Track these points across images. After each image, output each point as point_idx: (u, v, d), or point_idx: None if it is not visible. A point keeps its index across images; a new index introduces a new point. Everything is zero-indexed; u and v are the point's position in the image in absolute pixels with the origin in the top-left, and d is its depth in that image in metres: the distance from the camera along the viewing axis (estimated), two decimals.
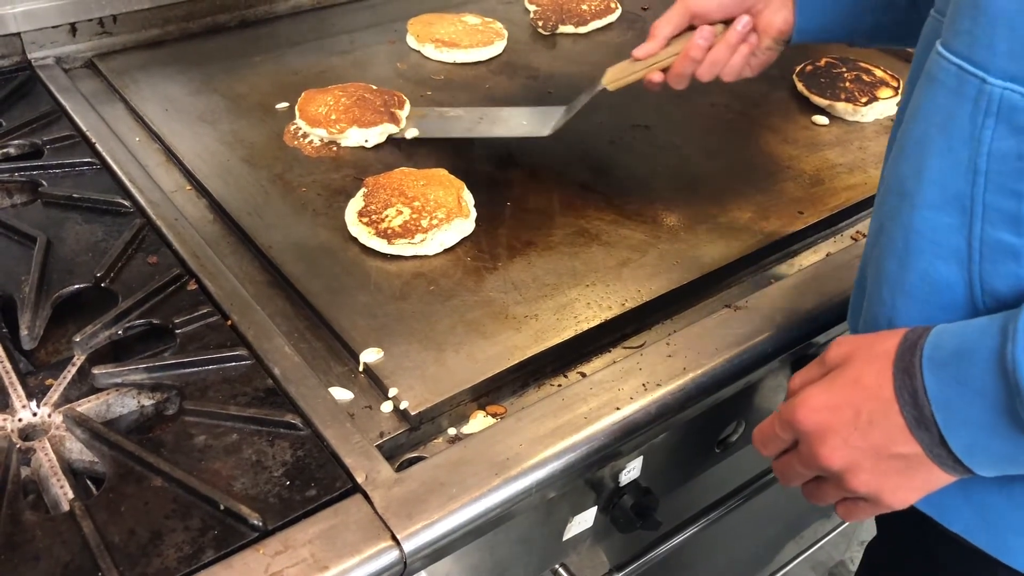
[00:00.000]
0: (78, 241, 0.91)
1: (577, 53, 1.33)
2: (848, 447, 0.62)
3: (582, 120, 1.16)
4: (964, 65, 0.60)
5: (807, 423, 0.64)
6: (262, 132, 1.10)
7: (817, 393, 0.65)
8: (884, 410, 0.61)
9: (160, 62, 1.23)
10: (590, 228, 0.97)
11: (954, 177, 0.61)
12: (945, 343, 0.59)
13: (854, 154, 1.11)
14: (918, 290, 0.64)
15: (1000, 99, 0.58)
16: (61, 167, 1.01)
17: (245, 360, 0.78)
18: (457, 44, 1.28)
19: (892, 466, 0.62)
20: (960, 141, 0.60)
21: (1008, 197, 0.59)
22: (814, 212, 1.01)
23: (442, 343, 0.81)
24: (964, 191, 0.60)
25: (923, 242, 0.63)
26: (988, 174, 0.59)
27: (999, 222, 0.59)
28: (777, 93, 1.23)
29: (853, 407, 0.62)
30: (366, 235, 0.92)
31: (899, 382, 0.60)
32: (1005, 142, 0.58)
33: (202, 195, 1.00)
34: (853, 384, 0.63)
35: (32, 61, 1.19)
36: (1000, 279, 0.60)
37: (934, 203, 0.62)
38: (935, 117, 0.62)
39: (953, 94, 0.60)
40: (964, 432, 0.58)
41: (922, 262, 0.64)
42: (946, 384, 0.58)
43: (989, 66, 0.58)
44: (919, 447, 0.60)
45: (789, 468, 0.68)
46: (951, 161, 0.61)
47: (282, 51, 1.28)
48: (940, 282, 0.63)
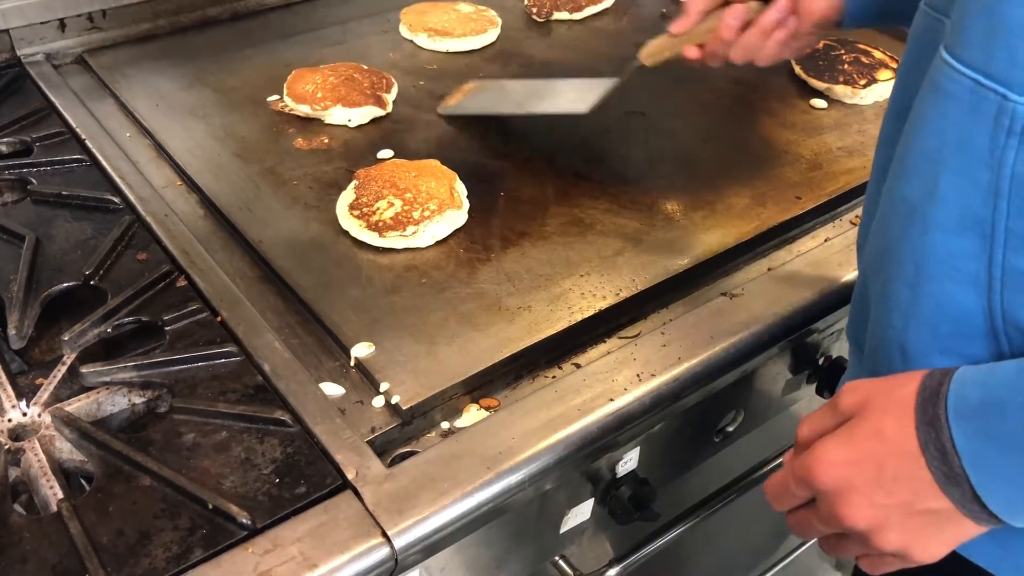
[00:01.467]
0: (67, 239, 0.90)
1: (572, 40, 1.31)
2: (873, 506, 0.58)
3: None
4: (980, 79, 0.55)
5: (826, 481, 0.59)
6: (253, 126, 1.09)
7: (834, 447, 0.60)
8: (910, 466, 0.56)
9: (151, 57, 1.22)
10: (584, 217, 0.96)
11: (972, 200, 0.56)
12: (970, 394, 0.55)
13: (853, 137, 1.09)
14: (932, 318, 0.61)
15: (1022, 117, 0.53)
16: (51, 164, 1.00)
17: (235, 357, 0.77)
18: (450, 33, 1.26)
19: (921, 522, 0.58)
20: (978, 161, 0.56)
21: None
22: (812, 197, 0.99)
23: (434, 336, 0.80)
24: (984, 215, 0.56)
25: (938, 267, 0.59)
26: (1011, 198, 0.55)
27: (1023, 249, 0.55)
28: (775, 77, 1.22)
29: (876, 463, 0.58)
30: (357, 228, 0.91)
31: (924, 435, 0.56)
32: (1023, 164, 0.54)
33: (193, 190, 0.99)
34: (874, 437, 0.58)
35: (21, 58, 1.18)
36: (1021, 307, 0.57)
37: (949, 226, 0.58)
38: (948, 134, 0.58)
39: (968, 110, 0.56)
40: (1000, 488, 0.54)
41: (936, 288, 0.60)
42: (976, 439, 0.54)
43: (1010, 81, 0.53)
44: (950, 502, 0.56)
45: (807, 524, 0.64)
46: (968, 182, 0.56)
47: (273, 43, 1.27)
48: (957, 310, 0.59)
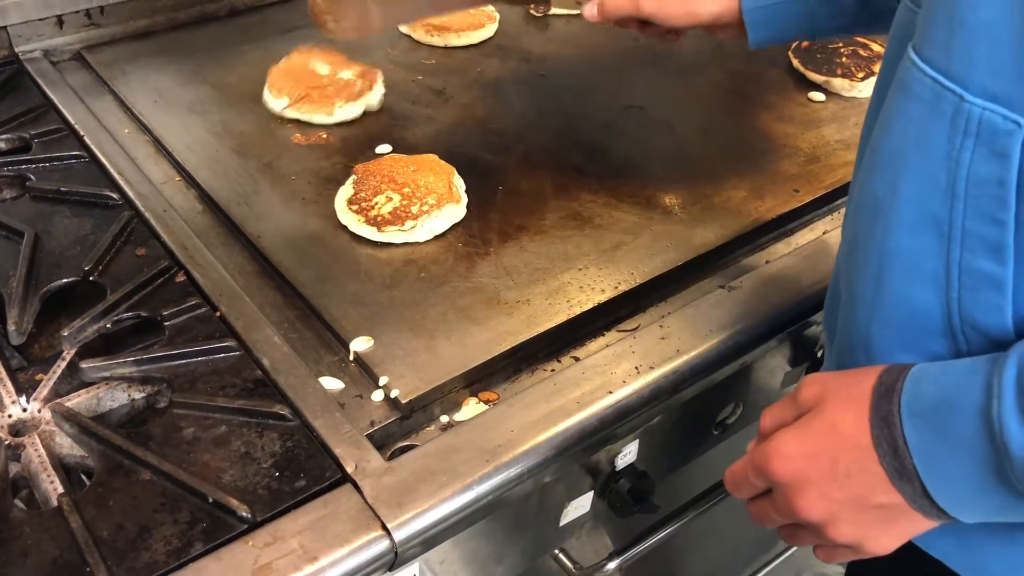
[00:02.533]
0: (66, 235, 0.90)
1: (570, 35, 1.31)
2: (826, 499, 0.59)
3: (575, 102, 1.15)
4: (940, 79, 0.55)
5: (782, 473, 0.61)
6: (251, 121, 1.09)
7: (791, 440, 0.61)
8: (863, 460, 0.57)
9: (149, 53, 1.22)
10: (583, 211, 0.96)
11: (930, 199, 0.57)
12: (924, 391, 0.56)
13: (851, 130, 1.09)
14: (894, 315, 0.61)
15: (980, 120, 0.53)
16: (49, 161, 1.00)
17: (234, 351, 0.77)
18: (448, 28, 1.26)
19: (873, 516, 0.59)
20: (937, 161, 0.56)
21: (989, 225, 0.54)
22: (810, 190, 0.99)
23: (433, 330, 0.81)
24: (941, 215, 0.56)
25: (898, 265, 0.60)
26: (967, 199, 0.55)
27: (979, 250, 0.55)
28: (773, 70, 1.22)
29: (830, 456, 0.59)
30: (356, 223, 0.91)
31: (877, 431, 0.57)
32: (985, 167, 0.54)
33: (191, 186, 0.99)
34: (829, 431, 0.59)
35: (20, 55, 1.18)
36: (980, 309, 0.57)
37: (909, 224, 0.58)
38: (910, 132, 0.58)
39: (929, 109, 0.56)
40: (949, 486, 0.55)
41: (897, 286, 0.60)
42: (927, 437, 0.55)
43: (968, 82, 0.53)
44: (901, 498, 0.57)
45: (764, 514, 0.65)
46: (927, 182, 0.56)
47: (272, 39, 1.26)
48: (917, 308, 0.59)
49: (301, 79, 1.10)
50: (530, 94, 1.17)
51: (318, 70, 1.12)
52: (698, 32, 1.15)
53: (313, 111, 1.07)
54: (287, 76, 1.11)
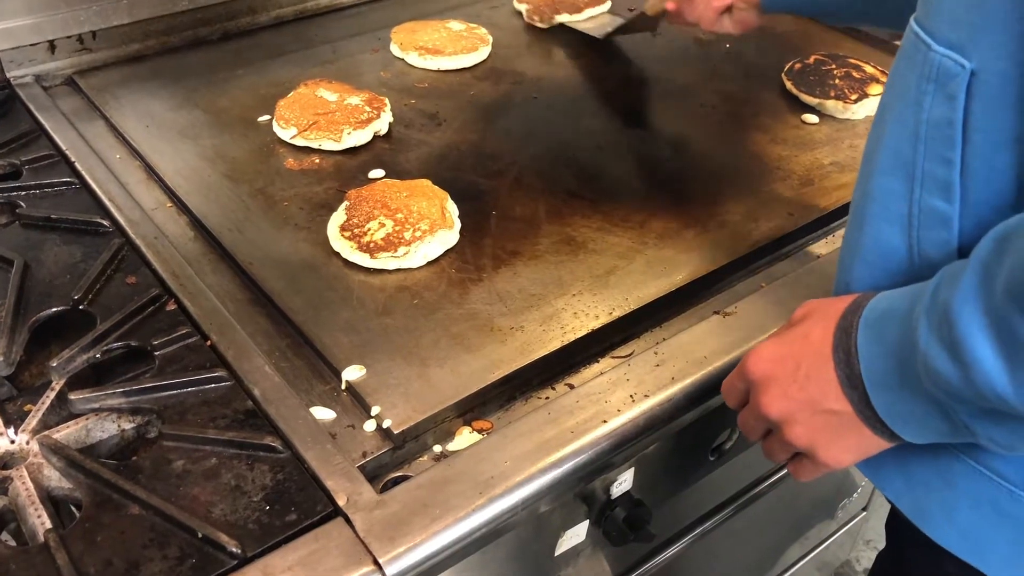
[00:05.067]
0: (56, 263, 0.89)
1: (563, 58, 1.31)
2: (786, 398, 0.65)
3: (568, 125, 1.15)
4: (919, 32, 0.61)
5: (755, 371, 0.67)
6: (244, 146, 1.08)
7: (769, 344, 0.68)
8: (821, 365, 0.63)
9: (141, 77, 1.21)
10: (576, 236, 0.95)
11: (902, 143, 0.62)
12: (879, 305, 0.61)
13: (845, 152, 1.09)
14: (869, 254, 0.67)
15: (939, 66, 0.59)
16: (40, 187, 0.99)
17: (224, 381, 0.76)
18: (441, 51, 1.26)
19: (825, 421, 0.63)
20: (908, 107, 0.61)
21: (940, 164, 0.60)
22: (804, 213, 0.99)
23: (426, 358, 0.80)
24: (909, 157, 0.62)
25: (875, 207, 0.65)
26: (927, 140, 0.60)
27: (934, 188, 0.61)
28: (766, 92, 1.22)
29: (795, 360, 0.65)
30: (348, 249, 0.91)
31: (837, 340, 0.62)
32: (939, 109, 0.59)
33: (183, 212, 0.99)
34: (801, 339, 0.65)
35: (11, 80, 1.17)
36: (932, 245, 0.62)
37: (886, 169, 0.64)
38: (895, 84, 0.64)
39: (908, 60, 0.62)
40: (883, 390, 0.60)
41: (873, 227, 0.66)
42: (871, 343, 0.60)
43: (935, 33, 0.59)
44: (849, 405, 0.61)
45: (746, 419, 0.70)
46: (901, 127, 0.62)
47: (264, 63, 1.26)
48: (887, 247, 0.65)
49: (309, 107, 1.10)
50: (523, 117, 1.17)
51: (325, 98, 1.12)
52: (692, 55, 1.16)
53: (322, 138, 1.07)
54: (294, 106, 1.11)
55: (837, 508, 1.40)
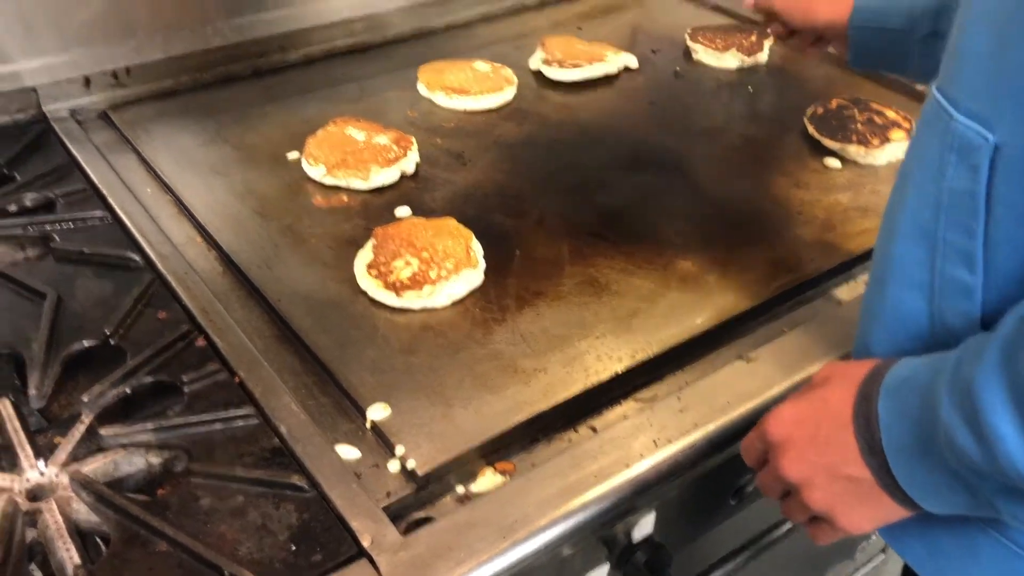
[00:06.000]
0: (88, 297, 0.91)
1: (586, 100, 1.33)
2: (804, 461, 0.65)
3: (591, 167, 1.16)
4: (940, 100, 0.61)
5: (774, 433, 0.68)
6: (273, 183, 1.10)
7: (789, 406, 0.69)
8: (840, 430, 0.63)
9: (173, 113, 1.24)
10: (600, 277, 0.96)
11: (923, 210, 0.63)
12: (900, 373, 0.62)
13: (867, 197, 1.10)
14: (890, 319, 0.67)
15: (961, 136, 0.59)
16: (73, 221, 1.01)
17: (252, 419, 0.77)
18: (467, 91, 1.28)
19: (845, 488, 0.63)
20: (930, 175, 0.62)
21: (962, 234, 0.60)
22: (826, 258, 0.99)
23: (450, 398, 0.81)
24: (930, 225, 0.62)
25: (896, 272, 0.66)
26: (948, 210, 0.60)
27: (956, 258, 0.61)
28: (789, 136, 1.23)
29: (815, 424, 0.65)
30: (375, 288, 0.92)
31: (858, 406, 0.63)
32: (961, 179, 0.59)
33: (212, 247, 1.00)
34: (821, 403, 0.66)
35: (47, 114, 1.20)
36: (954, 314, 0.62)
37: (908, 235, 0.64)
38: (917, 150, 0.65)
39: (930, 128, 0.63)
40: (904, 461, 0.60)
41: (894, 292, 0.66)
42: (892, 412, 0.60)
43: (958, 103, 0.60)
44: (868, 472, 0.62)
45: (765, 479, 0.71)
46: (922, 194, 0.63)
47: (293, 100, 1.29)
48: (908, 313, 0.65)
49: (337, 146, 1.12)
50: (547, 158, 1.18)
51: (354, 137, 1.14)
52: (714, 97, 1.17)
53: (350, 176, 1.09)
54: (323, 145, 1.12)
55: (856, 550, 1.39)
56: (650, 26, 1.58)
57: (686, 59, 1.44)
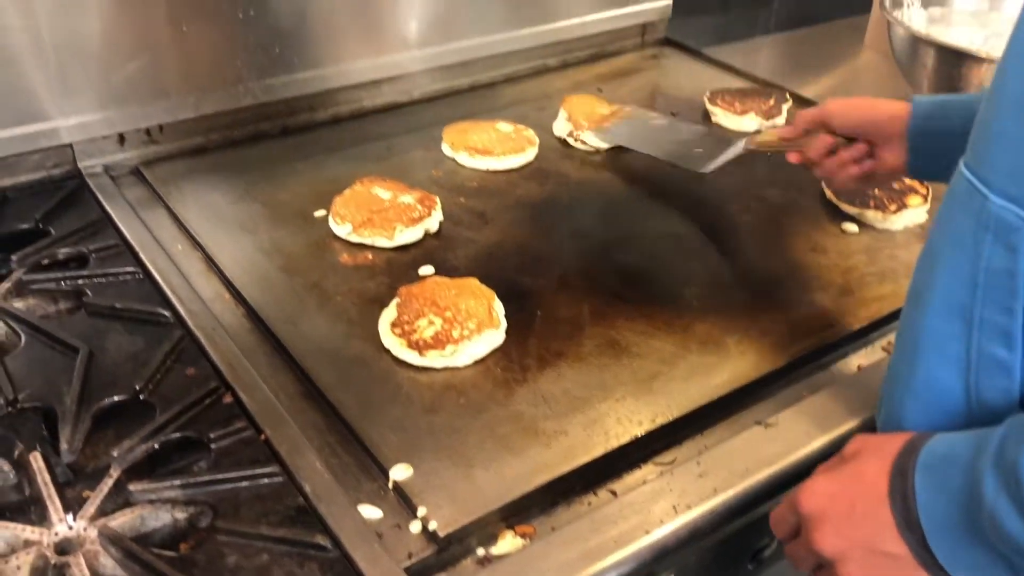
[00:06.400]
0: (119, 351, 0.93)
1: (606, 161, 1.35)
2: (839, 536, 0.65)
3: (611, 227, 1.18)
4: (972, 180, 0.62)
5: (807, 507, 0.68)
6: (300, 240, 1.13)
7: (822, 480, 0.69)
8: (876, 506, 0.63)
9: (203, 170, 1.27)
10: (620, 339, 0.97)
11: (958, 288, 0.63)
12: (938, 448, 0.62)
13: (884, 263, 1.11)
14: (922, 393, 0.68)
15: (998, 217, 0.60)
16: (105, 276, 1.04)
17: (277, 477, 0.79)
18: (490, 152, 1.31)
19: (881, 562, 0.64)
20: (964, 254, 0.63)
21: (1001, 313, 0.61)
22: (844, 324, 1.00)
23: (471, 459, 0.82)
24: (965, 303, 0.63)
25: (929, 347, 0.66)
26: (985, 288, 0.61)
27: (994, 336, 0.62)
28: (807, 200, 1.25)
29: (850, 499, 0.66)
30: (398, 346, 0.94)
31: (894, 482, 0.63)
32: (1000, 259, 0.60)
33: (240, 304, 1.03)
34: (855, 477, 0.66)
35: (82, 170, 1.23)
36: (991, 391, 0.63)
37: (940, 311, 0.65)
38: (947, 228, 0.66)
39: (962, 208, 0.63)
40: (944, 537, 0.60)
41: (926, 367, 0.67)
42: (931, 490, 0.61)
43: (991, 183, 0.61)
44: (906, 548, 0.62)
45: (796, 551, 0.71)
46: (956, 272, 0.64)
47: (322, 158, 1.32)
48: (941, 387, 0.66)
49: (364, 205, 1.15)
50: (568, 218, 1.20)
51: (380, 196, 1.17)
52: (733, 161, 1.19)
53: (375, 234, 1.11)
54: (350, 203, 1.15)
55: None
56: (669, 87, 1.62)
57: (706, 121, 1.47)
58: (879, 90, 1.68)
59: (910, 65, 1.56)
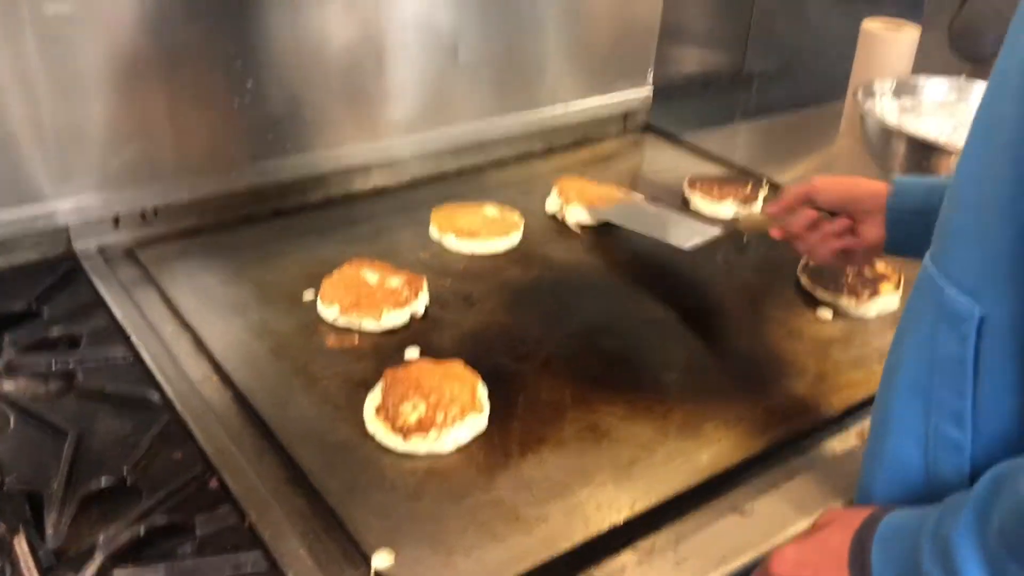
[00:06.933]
0: (108, 434, 0.94)
1: (588, 244, 1.39)
2: None
3: (593, 311, 1.21)
4: (933, 271, 0.67)
5: (776, 571, 0.74)
6: (289, 323, 1.15)
7: (793, 547, 0.75)
8: (838, 573, 0.68)
9: (196, 251, 1.30)
10: (601, 424, 1.00)
11: (919, 370, 0.68)
12: (893, 521, 0.68)
13: (858, 349, 1.14)
14: (889, 467, 0.73)
15: (952, 308, 0.64)
16: (96, 359, 1.06)
17: (261, 563, 0.80)
18: (476, 235, 1.35)
19: None
20: (924, 339, 0.68)
21: (953, 395, 0.65)
22: (819, 410, 1.03)
23: (453, 546, 0.83)
24: (925, 384, 0.68)
25: (895, 425, 0.71)
26: (940, 373, 0.66)
27: (948, 416, 0.66)
28: (783, 286, 1.28)
29: (814, 566, 0.71)
30: (383, 432, 0.95)
31: (854, 551, 0.68)
32: (952, 346, 0.65)
33: (228, 386, 1.04)
34: (821, 546, 0.72)
35: (76, 252, 1.26)
36: (946, 468, 0.67)
37: (905, 391, 0.70)
38: (912, 314, 0.71)
39: (923, 296, 0.68)
40: None
41: (893, 443, 0.72)
42: (883, 559, 0.66)
43: (949, 275, 0.66)
44: None
45: None
46: (918, 356, 0.69)
47: (312, 240, 1.35)
48: (905, 463, 0.71)
49: (352, 287, 1.18)
50: (552, 301, 1.23)
51: (367, 279, 1.20)
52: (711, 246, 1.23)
53: (363, 317, 1.13)
54: (338, 286, 1.18)
55: None
56: (650, 173, 1.67)
57: (685, 206, 1.51)
58: None
59: (882, 154, 1.62)
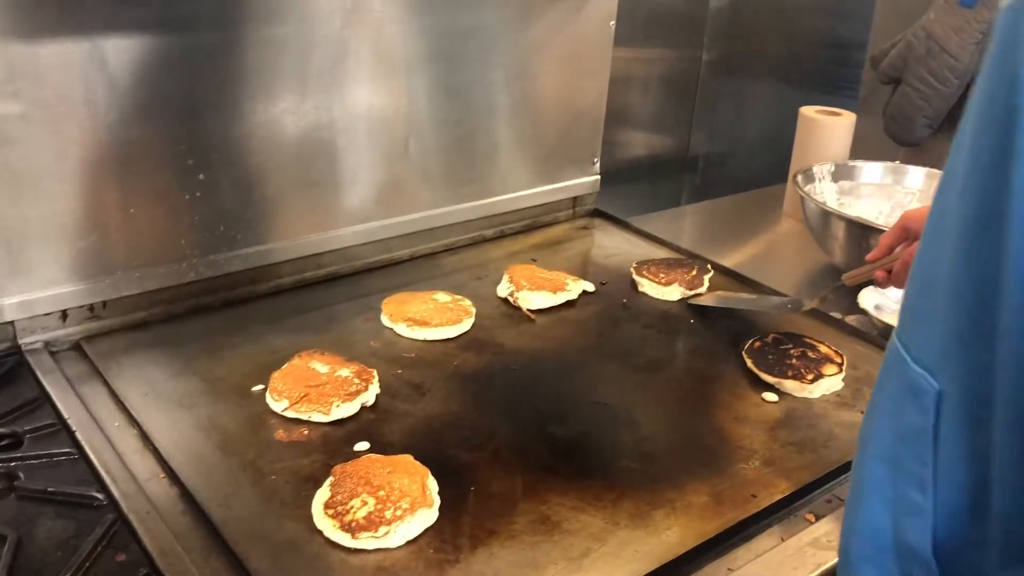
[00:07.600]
0: (49, 538, 0.92)
1: (539, 329, 1.41)
2: None
3: (544, 398, 1.22)
4: (899, 346, 0.70)
5: None
6: (237, 416, 1.14)
7: None
8: None
9: (144, 344, 1.29)
10: (551, 515, 1.00)
11: (888, 436, 0.71)
12: None
13: (803, 432, 1.16)
14: (862, 529, 0.74)
15: (913, 381, 0.67)
16: (39, 458, 1.04)
17: None
18: (427, 322, 1.36)
19: None
20: (892, 408, 0.70)
21: (917, 463, 0.68)
22: (766, 495, 1.04)
23: None
24: (893, 450, 0.70)
25: (867, 489, 0.73)
26: (905, 440, 0.69)
27: (912, 482, 0.69)
28: (728, 368, 1.31)
29: None
30: (331, 528, 0.94)
31: None
32: (915, 417, 0.67)
33: (175, 484, 1.03)
34: None
35: (22, 347, 1.25)
36: (911, 532, 0.70)
37: (875, 457, 0.72)
38: (883, 383, 0.73)
39: (890, 368, 0.71)
40: None
41: (865, 506, 0.73)
42: None
43: (911, 350, 0.68)
44: None
45: None
46: (886, 423, 0.71)
47: (262, 330, 1.35)
48: (875, 527, 0.72)
49: (301, 380, 1.18)
50: (502, 389, 1.24)
51: (317, 370, 1.20)
52: (660, 330, 1.25)
53: (312, 410, 1.13)
54: (287, 378, 1.18)
55: None
56: (599, 257, 1.70)
57: (632, 290, 1.54)
58: (799, 257, 1.80)
59: (823, 235, 1.67)
